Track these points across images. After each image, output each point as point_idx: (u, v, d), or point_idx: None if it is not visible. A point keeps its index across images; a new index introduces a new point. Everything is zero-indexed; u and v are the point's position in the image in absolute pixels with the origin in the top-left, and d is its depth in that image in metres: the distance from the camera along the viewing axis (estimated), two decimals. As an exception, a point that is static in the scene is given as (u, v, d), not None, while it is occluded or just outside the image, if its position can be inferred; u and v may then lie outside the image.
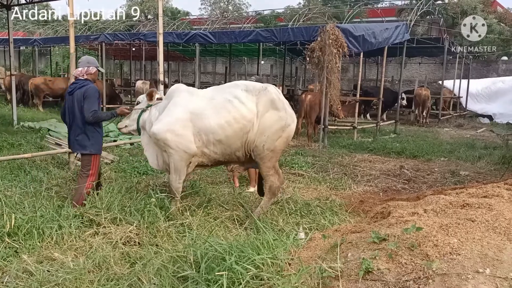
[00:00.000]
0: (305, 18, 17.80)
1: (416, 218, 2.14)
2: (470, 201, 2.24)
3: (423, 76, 21.51)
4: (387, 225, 2.23)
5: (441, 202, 2.29)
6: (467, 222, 2.00)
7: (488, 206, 2.14)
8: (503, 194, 2.32)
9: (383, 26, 12.18)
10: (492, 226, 1.94)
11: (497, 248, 1.75)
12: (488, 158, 8.95)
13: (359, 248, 2.10)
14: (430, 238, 1.90)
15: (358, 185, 6.57)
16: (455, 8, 24.78)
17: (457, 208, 2.20)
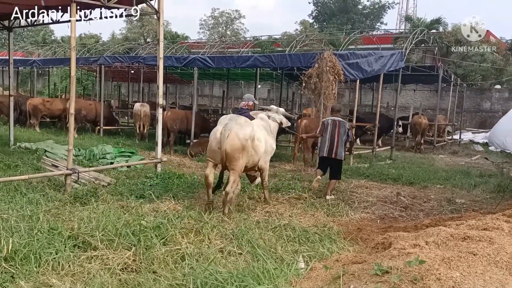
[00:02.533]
0: (301, 44, 18.09)
1: (418, 251, 2.15)
2: (471, 233, 2.26)
3: (418, 102, 21.80)
4: (389, 257, 2.23)
5: (442, 234, 2.30)
6: (469, 256, 2.01)
7: (489, 240, 2.16)
8: (503, 227, 2.34)
9: (378, 54, 12.40)
10: (494, 260, 1.95)
11: (500, 283, 1.76)
12: (484, 186, 9.00)
13: (362, 280, 2.10)
14: (432, 271, 1.91)
15: (355, 211, 6.56)
16: (450, 37, 25.32)
17: (458, 241, 2.22)
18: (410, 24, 27.38)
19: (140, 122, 13.99)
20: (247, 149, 5.54)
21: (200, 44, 26.04)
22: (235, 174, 5.58)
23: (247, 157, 5.62)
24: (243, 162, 5.57)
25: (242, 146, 5.44)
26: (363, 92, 24.53)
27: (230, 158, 5.48)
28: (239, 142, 5.42)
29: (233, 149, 5.40)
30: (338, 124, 7.38)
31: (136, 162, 8.77)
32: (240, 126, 5.52)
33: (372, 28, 39.83)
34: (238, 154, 5.45)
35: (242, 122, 5.65)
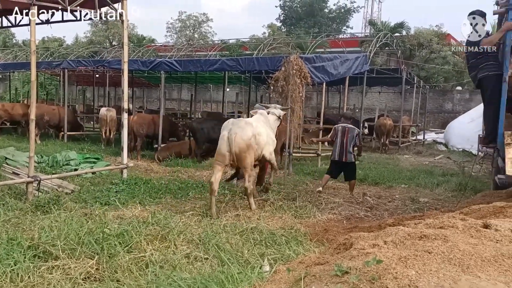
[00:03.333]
0: (269, 47, 18.21)
1: (377, 250, 2.20)
2: (427, 232, 2.33)
3: (383, 104, 22.34)
4: (349, 257, 2.27)
5: (400, 233, 2.36)
6: (425, 254, 2.07)
7: (444, 238, 2.23)
8: (457, 225, 2.42)
9: (344, 57, 12.62)
10: (448, 257, 2.02)
11: (452, 280, 1.82)
12: (446, 185, 9.31)
13: (323, 282, 2.12)
14: (390, 270, 1.95)
15: (323, 213, 6.62)
16: (412, 41, 26.10)
17: (415, 240, 2.28)
18: (373, 28, 28.05)
19: (106, 127, 13.71)
20: (252, 146, 6.25)
21: (168, 47, 25.79)
22: (247, 171, 6.29)
23: (253, 154, 6.34)
24: (251, 159, 6.29)
25: (247, 146, 6.16)
26: (330, 95, 24.93)
27: (239, 158, 6.18)
28: (245, 143, 6.12)
29: (241, 150, 6.10)
30: (348, 130, 8.09)
31: (101, 168, 8.57)
32: (242, 129, 6.18)
33: (339, 32, 40.53)
34: (245, 154, 6.16)
35: (242, 125, 6.31)
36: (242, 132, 6.13)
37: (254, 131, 6.30)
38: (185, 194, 7.25)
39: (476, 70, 6.08)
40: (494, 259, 1.99)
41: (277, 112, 7.46)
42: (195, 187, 7.86)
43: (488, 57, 5.97)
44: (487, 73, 5.94)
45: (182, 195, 7.16)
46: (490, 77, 5.91)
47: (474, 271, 1.92)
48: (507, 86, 5.68)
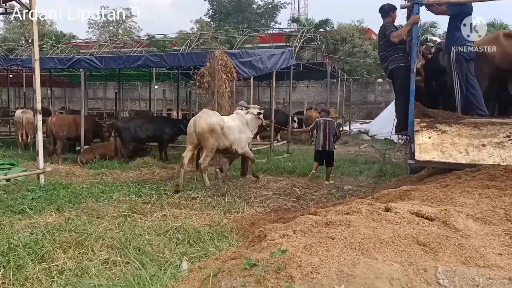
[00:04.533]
0: (197, 43, 17.98)
1: (285, 240, 2.22)
2: (333, 219, 2.40)
3: (311, 98, 23.03)
4: (259, 249, 2.28)
5: (308, 222, 2.41)
6: (328, 240, 2.12)
7: (348, 223, 2.30)
8: (361, 210, 2.52)
9: (270, 52, 12.79)
10: (349, 242, 2.08)
11: (352, 264, 1.88)
12: (368, 172, 9.77)
13: (232, 276, 2.10)
14: (295, 259, 1.98)
15: (251, 206, 6.66)
16: (335, 36, 27.09)
17: (322, 227, 2.34)
18: (298, 24, 28.75)
19: (22, 130, 12.77)
20: (216, 132, 7.40)
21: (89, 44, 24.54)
22: (207, 150, 7.49)
23: (216, 139, 7.45)
24: (212, 142, 7.42)
25: (210, 129, 7.35)
26: (261, 90, 25.24)
27: (201, 138, 7.42)
28: (207, 126, 7.35)
29: (203, 131, 7.34)
30: (328, 122, 9.19)
31: (15, 175, 7.97)
32: (208, 115, 7.54)
33: (267, 27, 41.07)
34: (207, 135, 7.36)
35: (210, 113, 7.73)
36: (207, 117, 7.45)
37: (220, 122, 7.50)
38: (108, 197, 6.94)
39: (387, 62, 6.42)
40: (392, 240, 2.09)
41: (255, 111, 8.51)
42: (120, 189, 7.56)
43: (397, 49, 6.32)
44: (397, 64, 6.29)
45: (105, 198, 6.84)
46: (399, 68, 6.26)
47: (373, 253, 2.01)
48: (415, 76, 6.06)
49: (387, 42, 6.32)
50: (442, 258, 2.01)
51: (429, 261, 1.97)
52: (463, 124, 5.55)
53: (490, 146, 4.99)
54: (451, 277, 1.84)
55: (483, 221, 2.50)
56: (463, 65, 6.09)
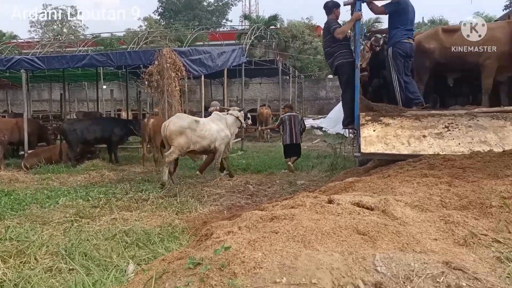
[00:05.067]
0: (146, 41, 17.59)
1: (230, 237, 2.21)
2: (278, 213, 2.41)
3: (265, 95, 23.17)
4: (204, 248, 2.25)
5: (253, 217, 2.41)
6: (272, 235, 2.13)
7: (292, 217, 2.33)
8: (306, 203, 2.55)
9: (220, 49, 12.73)
10: (292, 235, 2.10)
11: (294, 256, 1.90)
12: (320, 167, 9.97)
13: (176, 277, 2.07)
14: (238, 255, 1.97)
15: (204, 205, 6.60)
16: (286, 33, 27.40)
17: (266, 222, 2.35)
18: (249, 21, 28.85)
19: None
20: (185, 134, 7.64)
21: (32, 43, 23.34)
22: (174, 147, 7.68)
23: (186, 141, 7.67)
24: (179, 142, 7.65)
25: (178, 132, 7.62)
26: (214, 88, 25.08)
27: (168, 139, 7.73)
28: (175, 128, 7.61)
29: (171, 133, 7.63)
30: (294, 117, 10.02)
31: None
32: (179, 119, 7.81)
33: (219, 25, 40.88)
34: (174, 136, 7.62)
35: (183, 116, 8.07)
36: (177, 120, 7.75)
37: (192, 125, 7.73)
38: (54, 202, 6.65)
39: (332, 58, 6.56)
40: (333, 231, 2.13)
41: (235, 113, 8.81)
42: (67, 194, 7.27)
43: (341, 45, 6.48)
44: (342, 60, 6.44)
45: (51, 204, 6.55)
46: (345, 64, 6.42)
47: (315, 245, 2.04)
48: (359, 72, 6.23)
49: (331, 38, 6.45)
50: (380, 245, 2.07)
51: (368, 250, 2.03)
52: (405, 116, 5.77)
53: (431, 137, 5.22)
54: (388, 264, 1.90)
55: (420, 208, 2.61)
56: (399, 61, 6.35)
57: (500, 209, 2.55)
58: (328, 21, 6.59)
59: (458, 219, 2.40)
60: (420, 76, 7.18)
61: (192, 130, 7.69)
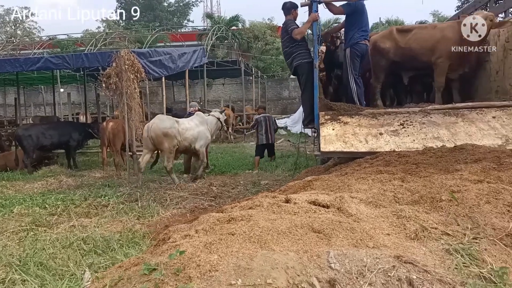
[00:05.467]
0: (104, 42, 17.17)
1: (186, 241, 2.19)
2: (235, 214, 2.41)
3: (228, 96, 23.13)
4: (160, 252, 2.22)
5: (211, 220, 2.40)
6: (229, 237, 2.12)
7: (248, 218, 2.33)
8: (263, 204, 2.56)
9: (181, 50, 12.60)
10: (249, 236, 2.10)
11: (249, 257, 1.90)
12: (284, 166, 10.06)
13: (131, 283, 2.03)
14: (194, 259, 1.95)
15: (167, 209, 6.51)
16: (248, 33, 27.46)
17: (224, 224, 2.34)
18: (210, 21, 28.73)
19: None
20: (170, 135, 7.84)
21: (-17, 46, 22.28)
22: (165, 152, 7.94)
23: (172, 142, 7.90)
24: (168, 145, 7.88)
25: (163, 133, 7.80)
26: (176, 89, 24.82)
27: (156, 142, 7.91)
28: (160, 131, 7.80)
29: (157, 135, 7.82)
30: (268, 118, 10.65)
31: None
32: (161, 121, 7.97)
33: (180, 26, 40.47)
34: (161, 139, 7.81)
35: (164, 118, 8.22)
36: (159, 122, 7.92)
37: (175, 125, 7.92)
38: (8, 211, 6.37)
39: (291, 58, 6.63)
40: (289, 230, 2.15)
41: (217, 115, 9.07)
42: (23, 201, 6.98)
43: (299, 45, 6.56)
44: (301, 61, 6.52)
45: (5, 213, 6.28)
46: (304, 65, 6.50)
47: (270, 245, 2.05)
48: (318, 72, 6.33)
49: (289, 39, 6.52)
50: (335, 242, 2.11)
51: (323, 247, 2.06)
52: (362, 115, 5.91)
53: (387, 134, 5.37)
54: (341, 260, 1.94)
55: (374, 204, 2.67)
56: (356, 61, 6.51)
57: (450, 202, 2.65)
58: (286, 22, 6.66)
59: (410, 213, 2.48)
60: (376, 75, 7.38)
61: (176, 130, 7.95)
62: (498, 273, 2.04)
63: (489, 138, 4.99)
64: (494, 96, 6.81)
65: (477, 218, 2.48)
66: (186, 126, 8.19)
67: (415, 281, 1.88)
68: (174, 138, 7.90)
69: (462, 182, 2.93)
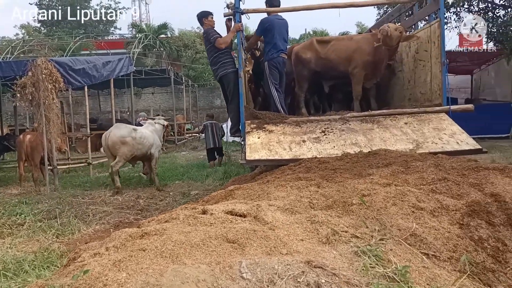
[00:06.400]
0: (22, 50, 16.11)
1: (95, 260, 2.09)
2: (149, 229, 2.35)
3: (158, 105, 22.67)
4: (66, 273, 2.10)
5: (123, 236, 2.31)
6: (140, 253, 2.06)
7: (162, 232, 2.28)
8: (179, 216, 2.52)
9: (105, 59, 12.20)
10: (160, 251, 2.05)
11: (159, 273, 1.85)
12: (214, 175, 10.00)
13: (33, 309, 1.89)
14: (101, 278, 1.86)
15: (89, 225, 6.21)
16: (178, 42, 27.17)
17: (136, 240, 2.26)
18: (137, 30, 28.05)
19: None
20: (127, 142, 8.18)
21: None
22: (120, 156, 8.23)
23: (130, 149, 8.24)
24: (123, 151, 8.19)
25: (121, 141, 8.15)
26: (102, 99, 23.86)
27: (112, 149, 8.25)
28: (117, 139, 8.15)
29: (113, 143, 8.17)
30: (215, 124, 12.04)
31: None
32: (118, 129, 8.34)
33: (107, 33, 39.08)
34: (118, 146, 8.15)
35: (121, 127, 8.55)
36: (117, 130, 8.26)
37: (132, 133, 8.29)
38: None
39: (217, 67, 6.66)
40: (203, 242, 2.13)
41: (162, 122, 9.71)
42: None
43: (224, 54, 6.61)
44: (226, 71, 6.58)
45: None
46: (229, 75, 6.56)
47: (183, 258, 2.01)
48: (243, 81, 6.41)
49: (213, 47, 6.56)
50: (249, 252, 2.12)
51: (237, 257, 2.06)
52: (287, 123, 6.07)
53: (309, 141, 5.55)
54: (253, 270, 1.95)
55: (291, 211, 2.73)
56: (275, 74, 6.73)
57: (360, 206, 2.79)
58: (206, 31, 6.69)
59: (323, 218, 2.57)
60: (300, 84, 7.62)
61: (133, 138, 8.28)
62: (401, 272, 2.17)
63: (402, 143, 5.34)
64: (407, 103, 7.31)
65: (384, 220, 2.62)
66: (143, 134, 8.61)
67: (323, 285, 1.94)
68: (132, 146, 8.24)
69: (372, 186, 3.09)
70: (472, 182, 3.22)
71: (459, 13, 15.86)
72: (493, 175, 3.30)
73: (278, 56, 6.70)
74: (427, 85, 6.65)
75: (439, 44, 6.20)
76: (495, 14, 14.75)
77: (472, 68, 18.52)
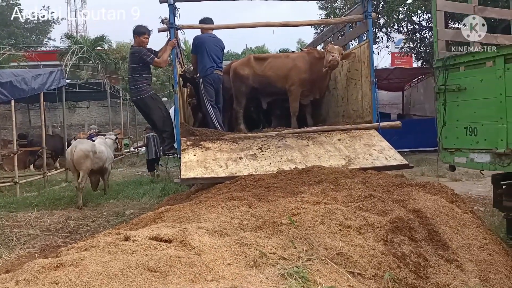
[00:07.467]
0: None
1: (0, 297, 1.91)
2: (64, 259, 2.18)
3: (94, 119, 21.80)
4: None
5: (35, 268, 2.13)
6: (52, 286, 1.91)
7: (79, 262, 2.13)
8: (100, 244, 2.38)
9: (35, 72, 11.62)
10: (74, 284, 1.91)
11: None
12: (152, 193, 9.69)
13: None
14: (4, 319, 1.69)
15: (12, 250, 5.77)
16: (115, 54, 26.41)
17: (50, 271, 2.09)
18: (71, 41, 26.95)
19: None
20: (90, 157, 8.72)
21: None
22: (83, 172, 8.68)
23: (91, 163, 8.80)
24: (86, 165, 8.70)
25: (84, 156, 8.64)
26: (33, 113, 22.55)
27: (76, 163, 8.65)
28: (82, 153, 8.63)
29: (78, 157, 8.60)
30: (156, 137, 11.58)
31: None
32: (82, 144, 8.88)
33: (40, 44, 37.21)
34: (82, 160, 8.62)
35: (84, 141, 9.30)
36: (81, 146, 8.77)
37: (93, 148, 8.91)
38: None
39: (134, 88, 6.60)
40: (122, 273, 2.01)
41: (112, 137, 10.62)
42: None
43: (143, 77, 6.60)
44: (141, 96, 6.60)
45: None
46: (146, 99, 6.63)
47: (99, 292, 1.88)
48: (178, 97, 6.31)
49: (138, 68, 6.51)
50: (171, 281, 2.03)
51: (158, 287, 1.97)
52: (224, 140, 6.03)
53: (246, 158, 5.54)
54: (175, 300, 1.87)
55: (220, 234, 2.67)
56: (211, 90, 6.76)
57: (289, 226, 2.79)
58: (139, 50, 6.50)
59: (251, 240, 2.53)
60: (238, 100, 7.64)
61: (93, 152, 8.85)
62: (326, 292, 2.18)
63: (335, 159, 5.48)
64: (341, 120, 7.56)
65: (312, 240, 2.64)
66: (101, 149, 9.31)
67: (247, 312, 1.90)
68: (92, 160, 8.79)
69: (303, 205, 3.12)
70: (396, 199, 3.35)
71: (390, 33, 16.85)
72: (415, 191, 3.46)
73: (212, 73, 6.70)
74: (359, 103, 6.92)
75: (368, 63, 6.49)
76: (422, 35, 15.80)
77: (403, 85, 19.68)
